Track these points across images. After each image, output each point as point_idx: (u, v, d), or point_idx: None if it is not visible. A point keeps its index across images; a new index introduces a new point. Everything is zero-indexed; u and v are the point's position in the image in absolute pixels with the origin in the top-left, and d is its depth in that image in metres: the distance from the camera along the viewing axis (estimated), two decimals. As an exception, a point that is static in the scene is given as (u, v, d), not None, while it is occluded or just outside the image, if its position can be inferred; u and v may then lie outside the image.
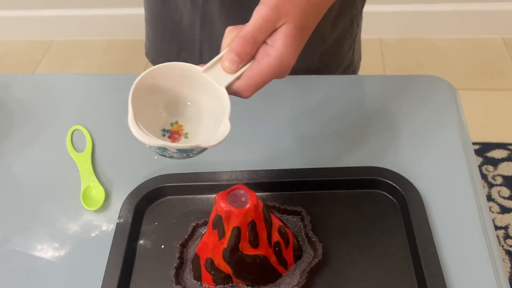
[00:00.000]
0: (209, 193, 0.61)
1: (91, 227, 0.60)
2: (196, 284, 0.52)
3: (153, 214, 0.60)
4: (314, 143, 0.67)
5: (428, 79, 0.74)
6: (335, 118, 0.70)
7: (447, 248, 0.54)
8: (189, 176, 0.62)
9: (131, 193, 0.60)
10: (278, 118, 0.70)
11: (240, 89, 0.46)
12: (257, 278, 0.51)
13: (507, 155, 1.62)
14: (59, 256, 0.58)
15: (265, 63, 0.45)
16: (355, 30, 0.80)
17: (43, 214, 0.62)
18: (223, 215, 0.46)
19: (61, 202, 0.63)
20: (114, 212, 0.61)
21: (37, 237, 0.60)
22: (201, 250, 0.51)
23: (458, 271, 0.52)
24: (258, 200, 0.47)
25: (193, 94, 0.47)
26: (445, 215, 0.57)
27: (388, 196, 0.59)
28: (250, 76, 0.45)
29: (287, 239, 0.51)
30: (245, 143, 0.67)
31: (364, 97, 0.72)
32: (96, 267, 0.55)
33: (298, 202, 0.58)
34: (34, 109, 0.76)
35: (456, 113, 0.69)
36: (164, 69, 0.46)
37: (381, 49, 2.03)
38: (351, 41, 0.80)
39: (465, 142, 0.65)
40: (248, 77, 0.45)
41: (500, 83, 1.87)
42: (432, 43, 2.04)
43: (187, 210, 0.60)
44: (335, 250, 0.55)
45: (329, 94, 0.72)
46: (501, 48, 2.00)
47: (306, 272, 0.51)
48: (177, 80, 0.47)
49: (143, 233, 0.58)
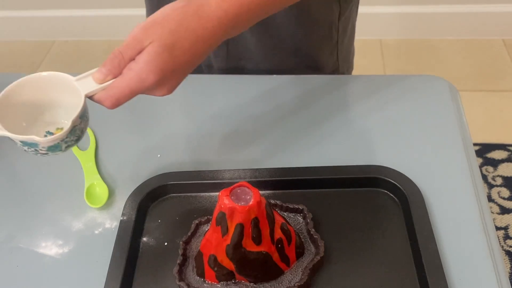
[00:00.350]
0: (211, 191, 0.62)
1: (94, 225, 0.61)
2: (199, 281, 0.53)
3: (156, 212, 0.61)
4: (317, 142, 0.67)
5: (429, 79, 0.74)
6: (337, 117, 0.70)
7: (448, 246, 0.55)
8: (192, 174, 0.62)
9: (134, 191, 0.61)
10: (281, 117, 0.71)
11: (101, 98, 0.50)
12: (259, 275, 0.51)
13: (507, 156, 1.63)
14: (63, 253, 0.58)
15: (126, 77, 0.49)
16: (335, 36, 0.80)
17: (47, 211, 0.63)
18: (227, 212, 0.47)
19: (64, 200, 0.64)
20: (118, 209, 0.61)
21: (41, 234, 0.60)
22: (205, 247, 0.51)
23: (459, 268, 0.53)
24: (261, 197, 0.48)
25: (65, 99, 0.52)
26: (446, 213, 0.58)
27: (390, 194, 0.60)
28: (111, 87, 0.50)
29: (290, 236, 0.52)
30: (247, 142, 0.68)
31: (367, 97, 0.73)
32: (99, 264, 0.55)
33: (300, 200, 0.58)
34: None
35: (457, 112, 0.69)
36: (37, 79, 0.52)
37: (382, 50, 2.03)
38: (331, 46, 0.80)
39: (466, 142, 0.65)
40: (110, 88, 0.50)
41: (500, 84, 1.88)
42: (433, 44, 2.05)
43: (190, 208, 0.61)
44: (337, 248, 0.55)
45: (331, 93, 0.73)
46: (501, 50, 2.01)
47: (308, 269, 0.52)
48: (51, 87, 0.52)
49: (146, 230, 0.59)
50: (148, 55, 0.49)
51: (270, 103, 0.72)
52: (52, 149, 0.50)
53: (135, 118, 0.74)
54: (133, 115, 0.74)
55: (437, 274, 0.51)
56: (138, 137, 0.71)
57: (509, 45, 2.01)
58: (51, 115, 0.53)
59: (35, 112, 0.52)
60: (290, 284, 0.51)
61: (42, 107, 0.53)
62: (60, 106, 0.53)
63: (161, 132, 0.70)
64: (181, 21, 0.50)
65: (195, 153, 0.67)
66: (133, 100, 0.76)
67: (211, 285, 0.52)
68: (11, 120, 0.49)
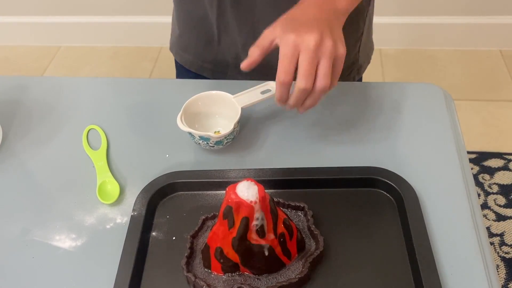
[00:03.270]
0: (217, 189, 0.65)
1: (106, 220, 0.64)
2: (206, 272, 0.56)
3: (165, 208, 0.64)
4: (317, 144, 0.71)
5: (426, 87, 0.78)
6: (337, 121, 0.74)
7: (440, 243, 0.58)
8: (199, 173, 0.66)
9: (144, 188, 0.64)
10: (283, 120, 0.74)
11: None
12: (263, 267, 0.54)
13: (503, 164, 1.66)
14: (76, 246, 0.62)
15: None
16: (361, 27, 0.83)
17: (61, 207, 0.66)
18: (234, 206, 0.50)
19: (77, 196, 0.67)
20: (128, 206, 0.65)
21: (55, 228, 0.63)
22: (211, 240, 0.54)
23: (451, 264, 0.56)
24: (265, 193, 0.51)
25: (220, 111, 0.73)
26: (438, 212, 0.61)
27: (386, 194, 0.63)
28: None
29: (291, 231, 0.55)
30: (252, 143, 0.72)
31: (365, 102, 0.76)
32: (111, 257, 0.58)
33: (301, 199, 0.61)
34: (51, 109, 0.80)
35: (451, 118, 0.73)
36: (207, 95, 0.72)
37: (381, 59, 2.07)
38: (356, 37, 0.83)
39: (459, 146, 0.69)
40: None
41: (497, 94, 1.91)
42: (431, 55, 2.08)
43: (197, 205, 0.64)
44: (336, 244, 0.58)
45: (332, 98, 0.76)
46: (498, 61, 2.04)
47: (308, 263, 0.55)
48: (214, 101, 0.72)
49: (155, 226, 0.62)
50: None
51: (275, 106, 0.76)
52: (217, 143, 0.68)
53: (145, 119, 0.77)
54: (143, 116, 0.78)
55: (430, 269, 0.54)
56: (147, 137, 0.74)
57: (507, 56, 2.05)
58: (208, 122, 0.72)
59: (202, 118, 0.72)
60: (291, 276, 0.54)
61: (206, 115, 0.72)
62: (216, 116, 0.73)
63: (169, 133, 0.73)
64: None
65: (202, 154, 0.71)
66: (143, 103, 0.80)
67: (217, 277, 0.55)
68: (189, 121, 0.69)
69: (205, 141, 0.68)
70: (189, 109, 0.70)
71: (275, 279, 0.55)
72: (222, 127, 0.72)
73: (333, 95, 0.77)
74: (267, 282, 0.55)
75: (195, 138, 0.68)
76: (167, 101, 0.79)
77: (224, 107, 0.72)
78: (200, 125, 0.71)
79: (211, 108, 0.72)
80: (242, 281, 0.54)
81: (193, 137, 0.68)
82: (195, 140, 0.69)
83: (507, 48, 2.07)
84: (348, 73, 0.89)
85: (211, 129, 0.72)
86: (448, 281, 0.55)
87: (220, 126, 0.72)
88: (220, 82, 0.81)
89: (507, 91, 1.92)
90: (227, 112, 0.71)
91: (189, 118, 0.70)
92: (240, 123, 0.70)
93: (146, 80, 0.86)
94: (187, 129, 0.67)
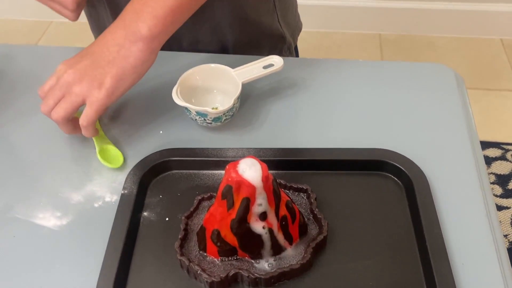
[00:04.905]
0: (214, 169, 0.61)
1: (94, 198, 0.60)
2: (200, 256, 0.52)
3: (158, 187, 0.60)
4: (322, 124, 0.67)
5: (436, 67, 0.74)
6: (344, 101, 0.70)
7: (452, 231, 0.54)
8: (195, 151, 0.62)
9: (136, 165, 0.60)
10: (287, 98, 0.70)
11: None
12: (262, 252, 0.51)
13: (500, 154, 1.64)
14: (61, 225, 0.57)
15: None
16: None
17: (46, 183, 0.62)
18: (234, 185, 0.46)
19: (63, 172, 0.62)
20: (118, 184, 0.60)
21: (38, 205, 0.59)
22: (208, 221, 0.51)
23: (462, 254, 0.53)
24: (268, 173, 0.47)
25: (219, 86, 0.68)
26: (450, 199, 0.57)
27: (394, 178, 0.59)
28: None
29: (294, 214, 0.51)
30: (252, 121, 0.67)
31: (373, 82, 0.72)
32: (98, 238, 0.55)
33: (304, 181, 0.58)
34: (37, 80, 0.75)
35: (462, 100, 0.69)
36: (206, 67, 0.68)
37: (381, 44, 2.03)
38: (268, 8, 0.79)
39: (471, 128, 0.65)
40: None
41: (496, 83, 1.89)
42: (431, 41, 2.05)
43: (192, 185, 0.60)
44: (340, 229, 0.55)
45: (339, 76, 0.72)
46: (498, 49, 2.01)
47: (311, 248, 0.51)
48: (213, 75, 0.68)
49: (147, 205, 0.58)
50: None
51: (277, 83, 0.72)
52: (215, 120, 0.64)
53: (138, 93, 0.73)
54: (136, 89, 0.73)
55: (441, 258, 0.50)
56: (140, 112, 0.70)
57: (507, 45, 2.02)
58: (205, 97, 0.68)
59: (199, 92, 0.67)
60: (293, 262, 0.51)
61: (203, 90, 0.68)
62: (214, 91, 0.68)
63: (164, 107, 0.69)
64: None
65: (198, 131, 0.66)
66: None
67: (213, 261, 0.52)
68: (185, 96, 0.64)
69: (202, 117, 0.63)
70: (186, 83, 0.66)
71: (275, 264, 0.51)
72: (220, 103, 0.68)
73: (340, 72, 0.73)
74: (267, 267, 0.51)
75: (191, 114, 0.64)
76: (162, 73, 0.74)
77: (223, 81, 0.67)
78: (197, 100, 0.67)
79: (209, 82, 0.68)
80: (239, 266, 0.51)
81: (189, 113, 0.64)
82: (192, 116, 0.64)
83: (508, 37, 2.04)
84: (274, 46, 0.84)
85: (209, 105, 0.67)
86: (459, 271, 0.51)
87: (219, 102, 0.68)
88: (220, 56, 0.77)
89: (507, 80, 1.90)
90: (226, 87, 0.67)
91: (186, 92, 0.65)
92: (240, 99, 0.66)
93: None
94: (183, 104, 0.63)
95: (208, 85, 0.68)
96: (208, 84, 0.68)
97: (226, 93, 0.67)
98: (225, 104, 0.64)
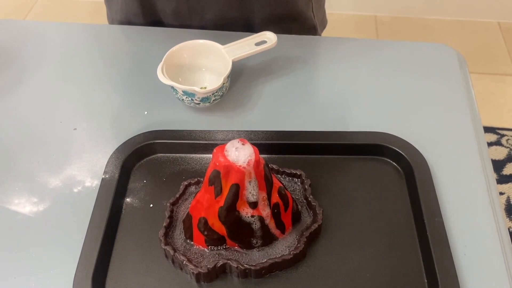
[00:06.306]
0: (202, 152, 0.57)
1: (73, 182, 0.56)
2: (187, 245, 0.49)
3: (142, 172, 0.56)
4: (318, 106, 0.63)
5: (438, 47, 0.71)
6: (340, 81, 0.66)
7: (453, 219, 0.51)
8: (182, 133, 0.58)
9: (118, 148, 0.56)
10: (280, 78, 0.66)
11: None
12: (252, 241, 0.47)
13: (496, 139, 1.62)
14: (37, 211, 0.54)
15: None
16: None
17: (22, 166, 0.58)
18: (222, 170, 0.43)
19: (41, 155, 0.59)
20: (99, 167, 0.57)
21: (14, 190, 0.55)
22: (194, 209, 0.47)
23: (464, 243, 0.50)
24: (260, 157, 0.43)
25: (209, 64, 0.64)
26: (451, 185, 0.54)
27: (393, 163, 0.56)
28: None
29: (287, 201, 0.48)
30: (243, 102, 0.64)
31: (372, 61, 0.69)
32: (77, 225, 0.51)
33: (298, 165, 0.54)
34: (14, 56, 0.71)
35: (465, 82, 0.66)
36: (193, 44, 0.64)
37: (376, 27, 1.99)
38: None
39: (473, 112, 0.62)
40: None
41: (493, 67, 1.86)
42: (427, 24, 2.01)
43: (178, 169, 0.56)
44: (336, 217, 0.52)
45: (336, 55, 0.69)
46: (496, 33, 1.98)
47: (304, 237, 0.48)
48: (201, 52, 0.64)
49: (130, 191, 0.54)
50: None
51: (271, 62, 0.68)
52: (204, 100, 0.60)
53: (121, 70, 0.68)
54: (119, 67, 0.69)
55: (443, 248, 0.48)
56: (123, 91, 0.66)
57: (504, 28, 1.99)
58: (193, 76, 0.64)
59: (186, 71, 0.63)
60: (285, 252, 0.48)
61: (191, 68, 0.64)
62: (203, 69, 0.64)
63: (149, 86, 0.65)
64: None
65: (185, 112, 0.63)
66: (119, 51, 0.71)
67: (200, 250, 0.48)
68: (171, 74, 0.60)
69: (189, 97, 0.59)
70: (172, 60, 0.62)
71: (266, 254, 0.48)
72: (209, 82, 0.64)
73: (337, 50, 0.69)
74: (257, 258, 0.48)
75: (178, 93, 0.60)
76: (146, 49, 0.70)
77: (212, 59, 0.63)
78: (184, 78, 0.63)
79: (197, 60, 0.64)
80: (228, 256, 0.47)
81: (176, 92, 0.60)
82: (178, 95, 0.60)
83: (505, 20, 2.01)
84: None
85: (197, 84, 0.63)
86: (461, 262, 0.48)
87: (207, 81, 0.64)
88: (208, 32, 0.72)
89: (503, 65, 1.87)
90: (215, 65, 0.63)
91: (172, 70, 0.61)
92: (230, 78, 0.62)
93: (123, 26, 0.77)
94: (169, 82, 0.59)
95: (196, 63, 0.64)
96: (196, 61, 0.64)
97: (216, 71, 0.63)
98: (214, 83, 0.59)
